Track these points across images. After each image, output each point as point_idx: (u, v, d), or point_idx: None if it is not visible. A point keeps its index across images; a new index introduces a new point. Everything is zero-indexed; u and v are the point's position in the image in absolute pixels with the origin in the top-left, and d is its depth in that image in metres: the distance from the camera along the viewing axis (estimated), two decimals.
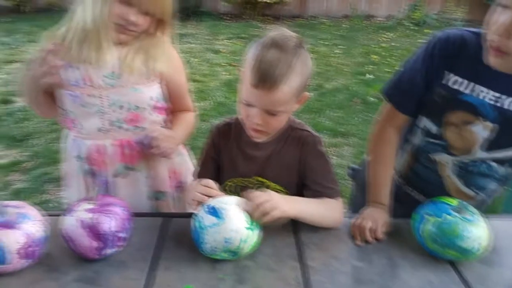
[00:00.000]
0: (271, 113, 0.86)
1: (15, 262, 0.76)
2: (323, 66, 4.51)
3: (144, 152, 1.06)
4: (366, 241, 0.91)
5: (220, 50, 5.17)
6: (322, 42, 5.47)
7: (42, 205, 2.27)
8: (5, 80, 4.18)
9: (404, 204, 1.01)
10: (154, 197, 1.14)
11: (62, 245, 0.82)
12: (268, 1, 6.35)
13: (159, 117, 1.10)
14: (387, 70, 4.66)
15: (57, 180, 2.49)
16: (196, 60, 4.69)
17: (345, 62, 4.79)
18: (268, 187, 0.98)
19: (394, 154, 1.04)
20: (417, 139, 1.03)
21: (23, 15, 6.88)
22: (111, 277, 0.79)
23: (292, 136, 0.96)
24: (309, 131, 0.98)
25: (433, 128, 0.98)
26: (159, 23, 1.00)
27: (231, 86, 4.01)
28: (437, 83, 0.94)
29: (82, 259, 0.82)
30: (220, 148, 1.01)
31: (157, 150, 1.02)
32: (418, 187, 1.07)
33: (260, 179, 0.99)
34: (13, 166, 2.67)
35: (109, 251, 0.81)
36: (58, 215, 0.86)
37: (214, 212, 0.80)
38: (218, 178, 1.00)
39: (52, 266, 0.81)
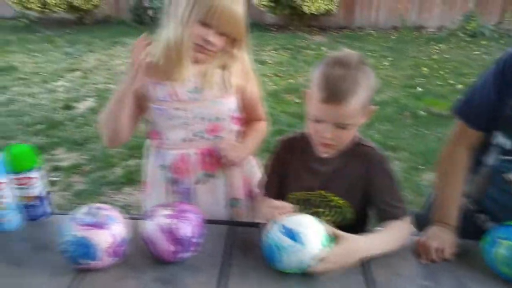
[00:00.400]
0: (341, 126, 0.90)
1: (104, 260, 0.84)
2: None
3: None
4: (432, 261, 0.91)
5: (267, 61, 5.26)
6: (369, 53, 5.40)
7: None
8: (67, 87, 4.51)
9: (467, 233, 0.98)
10: (230, 204, 1.20)
11: (140, 247, 0.89)
12: (314, 12, 6.37)
13: (235, 127, 1.17)
14: (439, 83, 4.51)
15: (113, 184, 2.66)
16: None
17: (394, 74, 4.69)
18: (331, 201, 1.01)
19: (465, 175, 1.02)
20: (491, 158, 1.00)
21: (84, 27, 7.41)
22: (185, 280, 0.84)
23: (357, 152, 0.98)
24: (374, 148, 1.00)
25: (508, 144, 0.95)
26: (234, 41, 1.06)
27: (277, 96, 4.06)
28: (510, 97, 0.92)
29: (159, 261, 0.88)
30: (285, 161, 1.05)
31: (225, 159, 1.09)
32: (491, 212, 1.03)
33: (323, 193, 1.01)
34: (74, 169, 2.87)
35: (184, 255, 0.86)
36: (136, 219, 0.93)
37: (291, 234, 0.83)
38: (281, 190, 1.04)
39: (133, 265, 0.88)
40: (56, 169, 2.85)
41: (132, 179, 2.69)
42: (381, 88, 4.23)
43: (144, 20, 7.32)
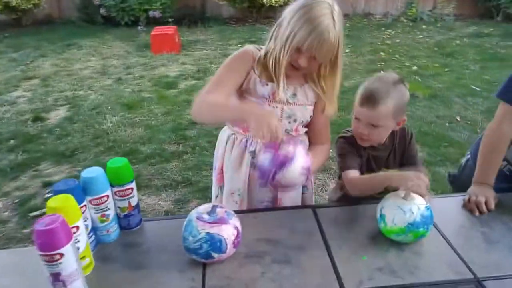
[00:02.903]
0: (373, 125, 1.18)
1: (229, 251, 0.94)
2: None
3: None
4: (482, 212, 1.15)
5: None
6: None
7: None
8: (28, 98, 4.21)
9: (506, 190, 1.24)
10: (302, 191, 1.34)
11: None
12: (272, 4, 6.54)
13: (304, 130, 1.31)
14: (397, 66, 4.92)
15: None
16: (214, 66, 4.86)
17: (357, 60, 5.03)
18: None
19: (507, 145, 1.24)
20: None
21: (24, 29, 6.83)
22: (300, 257, 0.98)
23: (399, 134, 1.31)
24: (406, 128, 1.31)
25: None
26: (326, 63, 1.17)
27: None
28: None
29: (272, 243, 1.01)
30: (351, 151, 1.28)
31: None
32: None
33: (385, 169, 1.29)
34: None
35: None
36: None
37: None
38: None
39: (247, 252, 1.00)
40: (48, 184, 2.74)
41: (137, 184, 2.66)
42: (349, 74, 4.53)
43: (95, 19, 6.98)
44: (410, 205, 0.99)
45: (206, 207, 0.98)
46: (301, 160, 1.02)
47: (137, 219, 1.10)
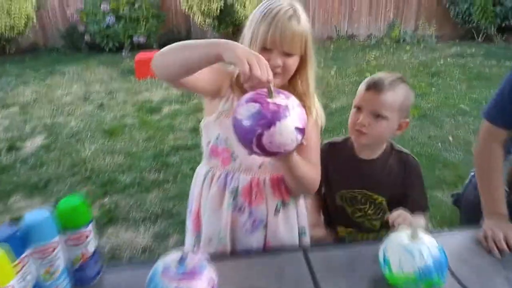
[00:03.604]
0: (375, 114, 1.10)
1: None
2: (323, 87, 4.68)
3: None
4: (502, 250, 0.99)
5: None
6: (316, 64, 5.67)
7: None
8: (5, 126, 4.05)
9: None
10: (301, 232, 1.15)
11: None
12: None
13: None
14: None
15: None
16: None
17: (343, 82, 4.99)
18: (375, 199, 1.19)
19: (502, 166, 1.13)
20: None
21: (9, 57, 6.69)
22: None
23: (395, 157, 1.20)
24: (410, 155, 1.20)
25: None
26: (302, 61, 1.01)
27: None
28: None
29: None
30: (328, 163, 1.18)
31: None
32: None
33: (367, 191, 1.19)
34: None
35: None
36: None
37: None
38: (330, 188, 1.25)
39: None
40: (16, 220, 2.53)
41: (114, 217, 2.50)
42: (336, 95, 4.47)
43: (80, 46, 6.89)
44: (418, 245, 0.83)
45: (175, 256, 0.81)
46: (295, 115, 0.80)
47: (94, 271, 0.92)
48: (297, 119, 0.81)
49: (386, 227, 1.04)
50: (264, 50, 0.95)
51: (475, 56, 6.12)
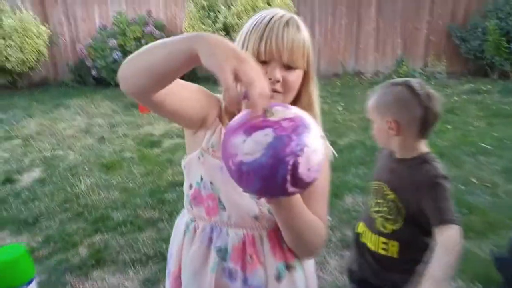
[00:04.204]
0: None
1: None
2: (331, 123, 4.55)
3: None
4: None
5: None
6: (322, 100, 5.55)
7: None
8: (5, 158, 4.00)
9: None
10: None
11: None
12: None
13: None
14: None
15: (78, 268, 2.23)
16: None
17: (351, 118, 4.86)
18: (386, 194, 1.23)
19: None
20: None
21: (19, 91, 6.85)
22: None
23: (422, 167, 1.19)
24: (434, 170, 1.18)
25: None
26: (305, 77, 0.83)
27: None
28: None
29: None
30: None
31: None
32: None
33: (383, 185, 1.25)
34: None
35: None
36: None
37: None
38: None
39: None
40: None
41: (102, 259, 2.31)
42: (344, 132, 4.32)
43: (86, 81, 6.99)
44: None
45: None
46: (311, 121, 0.62)
47: None
48: (315, 124, 0.62)
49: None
50: (259, 62, 0.77)
51: (491, 93, 5.96)
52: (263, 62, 0.77)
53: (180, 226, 0.93)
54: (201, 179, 0.86)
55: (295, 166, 0.56)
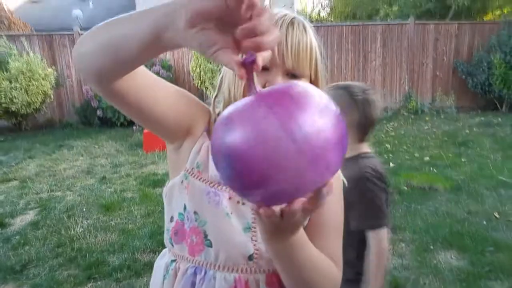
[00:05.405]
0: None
1: None
2: None
3: None
4: None
5: None
6: None
7: None
8: (0, 201, 3.81)
9: None
10: None
11: None
12: None
13: None
14: (407, 157, 4.54)
15: None
16: None
17: None
18: None
19: None
20: None
21: (23, 133, 6.80)
22: None
23: (357, 163, 1.17)
24: (367, 167, 1.15)
25: None
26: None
27: None
28: None
29: None
30: None
31: None
32: None
33: None
34: None
35: None
36: None
37: None
38: None
39: None
40: None
41: None
42: None
43: (92, 121, 6.94)
44: None
45: None
46: (316, 93, 0.47)
47: None
48: (319, 96, 0.48)
49: None
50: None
51: (503, 125, 5.84)
52: (264, 69, 0.61)
53: (159, 268, 0.75)
54: (184, 208, 0.70)
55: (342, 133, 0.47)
